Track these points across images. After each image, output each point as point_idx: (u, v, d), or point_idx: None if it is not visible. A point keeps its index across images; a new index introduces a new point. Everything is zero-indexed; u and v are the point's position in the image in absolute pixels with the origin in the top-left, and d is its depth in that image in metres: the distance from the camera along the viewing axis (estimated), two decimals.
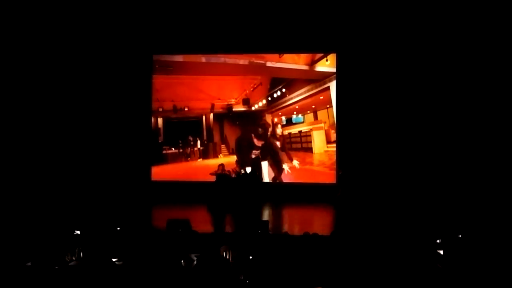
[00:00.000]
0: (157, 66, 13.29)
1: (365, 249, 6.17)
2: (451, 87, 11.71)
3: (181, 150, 13.44)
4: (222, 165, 11.93)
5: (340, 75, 12.60)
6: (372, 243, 6.46)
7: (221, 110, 13.37)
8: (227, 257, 6.29)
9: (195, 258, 5.99)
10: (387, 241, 6.59)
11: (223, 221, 10.46)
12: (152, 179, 13.09)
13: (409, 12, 11.71)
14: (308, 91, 12.99)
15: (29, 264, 5.56)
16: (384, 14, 11.89)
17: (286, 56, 13.02)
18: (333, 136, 12.78)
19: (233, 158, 13.00)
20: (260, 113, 13.18)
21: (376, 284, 5.18)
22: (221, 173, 11.71)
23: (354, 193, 11.85)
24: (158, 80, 13.35)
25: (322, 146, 12.92)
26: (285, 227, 9.44)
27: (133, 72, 12.85)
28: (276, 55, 13.03)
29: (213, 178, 12.11)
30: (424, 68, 11.87)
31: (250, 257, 6.06)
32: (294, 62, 13.05)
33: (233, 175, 11.98)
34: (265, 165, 12.93)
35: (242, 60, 13.14)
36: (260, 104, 13.18)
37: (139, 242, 6.84)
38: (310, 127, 13.04)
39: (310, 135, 13.02)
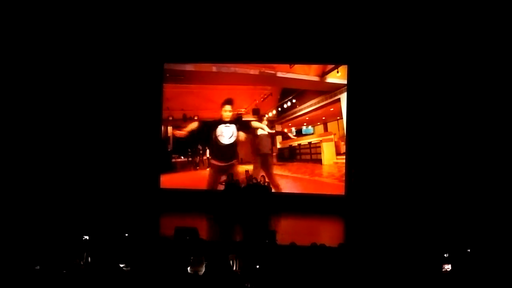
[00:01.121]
0: (168, 75, 13.37)
1: (373, 261, 6.15)
2: (463, 98, 11.65)
3: (190, 159, 13.47)
4: (231, 174, 11.93)
5: (351, 87, 12.60)
6: (381, 255, 6.44)
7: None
8: (234, 265, 6.30)
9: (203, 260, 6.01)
10: (396, 254, 6.57)
11: (231, 230, 10.45)
12: (161, 187, 13.12)
13: (420, 25, 11.70)
14: (318, 102, 13.01)
15: (38, 267, 5.59)
16: (395, 28, 11.89)
17: (297, 67, 13.05)
18: (343, 148, 12.76)
19: (242, 167, 12.99)
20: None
21: None
22: (230, 182, 11.70)
23: (364, 205, 11.83)
24: (169, 89, 13.42)
25: (331, 157, 12.90)
26: (293, 238, 9.40)
27: (144, 81, 12.92)
28: (287, 66, 13.07)
29: (221, 187, 12.09)
30: (435, 80, 11.83)
31: (257, 266, 6.06)
32: (304, 73, 13.07)
33: (249, 182, 11.82)
34: None
35: (252, 70, 13.19)
36: (270, 114, 13.20)
37: (147, 248, 6.86)
38: (320, 138, 13.04)
39: (320, 147, 13.00)
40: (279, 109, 13.17)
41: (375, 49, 12.19)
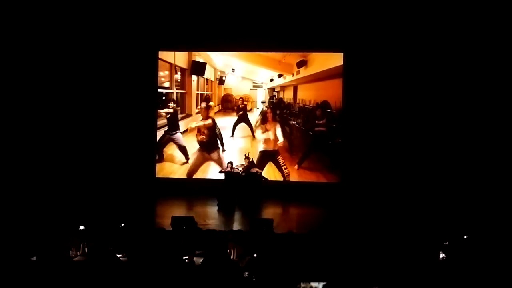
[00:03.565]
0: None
1: (368, 248, 6.16)
2: (456, 88, 11.68)
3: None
4: (231, 162, 11.86)
5: (347, 75, 12.56)
6: (377, 243, 6.45)
7: None
8: (232, 254, 6.29)
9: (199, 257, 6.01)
10: (392, 242, 6.57)
11: (229, 218, 10.47)
12: (157, 175, 13.08)
13: (413, 15, 11.70)
14: None
15: (34, 258, 5.57)
16: (391, 17, 11.88)
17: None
18: None
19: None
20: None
21: (380, 282, 5.15)
22: (230, 171, 11.64)
23: (358, 194, 11.86)
24: None
25: None
26: (290, 225, 9.42)
27: (138, 69, 12.83)
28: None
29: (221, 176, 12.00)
30: (431, 70, 11.84)
31: (255, 255, 6.06)
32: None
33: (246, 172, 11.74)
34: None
35: None
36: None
37: (144, 238, 6.84)
38: None
39: None
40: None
41: (370, 37, 12.15)
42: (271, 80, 13.19)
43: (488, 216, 9.28)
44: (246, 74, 13.42)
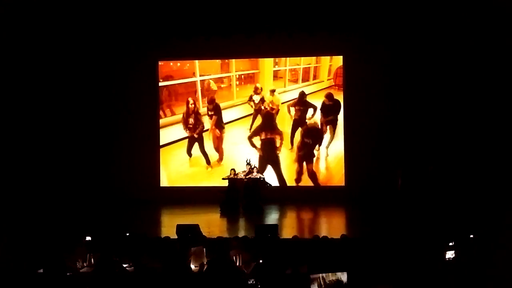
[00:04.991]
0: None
1: (377, 251, 6.17)
2: (452, 88, 11.69)
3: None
4: (233, 169, 11.85)
5: (347, 78, 12.62)
6: (384, 245, 6.46)
7: None
8: (238, 261, 6.30)
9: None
10: (399, 243, 6.58)
11: (233, 225, 10.48)
12: (161, 184, 13.11)
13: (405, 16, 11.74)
14: None
15: (41, 271, 5.59)
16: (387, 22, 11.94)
17: None
18: None
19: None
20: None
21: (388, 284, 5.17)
22: (233, 177, 11.64)
23: (365, 195, 11.87)
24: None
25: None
26: (295, 231, 9.40)
27: (140, 77, 12.91)
28: None
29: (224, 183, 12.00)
30: (430, 66, 11.83)
31: (260, 261, 6.06)
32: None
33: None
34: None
35: None
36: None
37: (149, 248, 6.86)
38: None
39: None
40: None
41: (369, 41, 12.19)
42: None
43: (493, 215, 9.26)
44: None
